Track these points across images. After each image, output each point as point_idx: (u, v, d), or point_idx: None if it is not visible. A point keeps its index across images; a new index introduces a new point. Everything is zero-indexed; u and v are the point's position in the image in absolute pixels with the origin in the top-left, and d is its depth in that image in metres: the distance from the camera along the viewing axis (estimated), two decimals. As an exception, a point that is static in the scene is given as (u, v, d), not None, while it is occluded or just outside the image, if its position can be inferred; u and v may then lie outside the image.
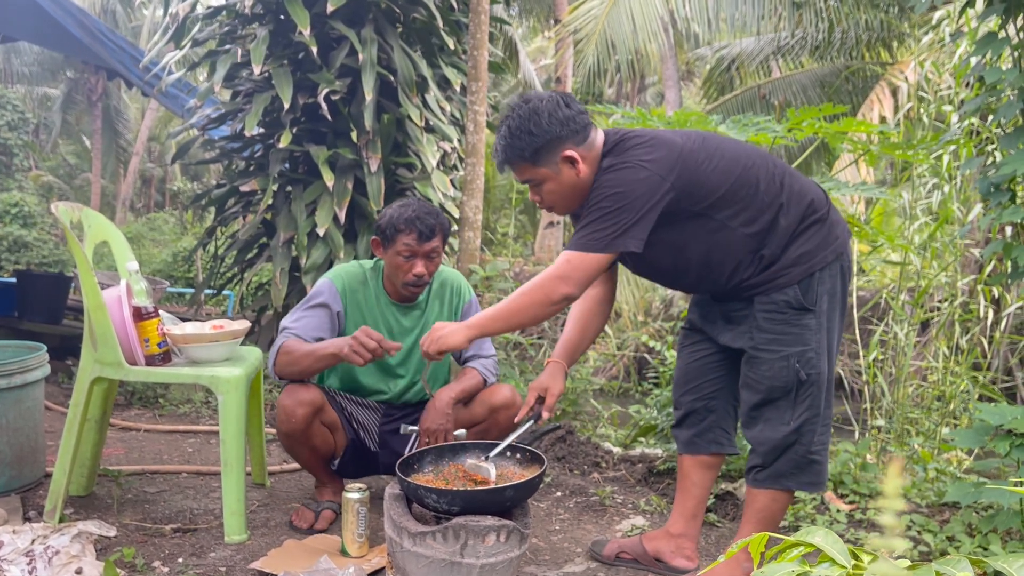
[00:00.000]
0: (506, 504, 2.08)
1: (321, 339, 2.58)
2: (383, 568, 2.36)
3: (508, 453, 2.34)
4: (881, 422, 4.11)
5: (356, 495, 2.43)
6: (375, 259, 2.81)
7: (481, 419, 2.67)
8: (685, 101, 17.67)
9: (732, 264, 2.19)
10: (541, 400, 2.37)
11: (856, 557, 1.05)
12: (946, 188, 4.52)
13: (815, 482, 2.26)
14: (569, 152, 2.13)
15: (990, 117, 3.97)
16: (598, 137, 2.20)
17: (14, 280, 5.86)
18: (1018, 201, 2.95)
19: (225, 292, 6.91)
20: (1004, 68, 2.94)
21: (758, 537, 1.08)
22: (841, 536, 2.91)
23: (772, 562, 1.10)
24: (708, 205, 2.14)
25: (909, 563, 1.00)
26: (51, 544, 2.33)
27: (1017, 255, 2.83)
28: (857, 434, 4.56)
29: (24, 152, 13.40)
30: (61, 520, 2.58)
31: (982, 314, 4.79)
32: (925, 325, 5.30)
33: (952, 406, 4.25)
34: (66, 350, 5.25)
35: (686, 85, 20.08)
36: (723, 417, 2.46)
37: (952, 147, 4.15)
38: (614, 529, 2.90)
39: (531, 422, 2.33)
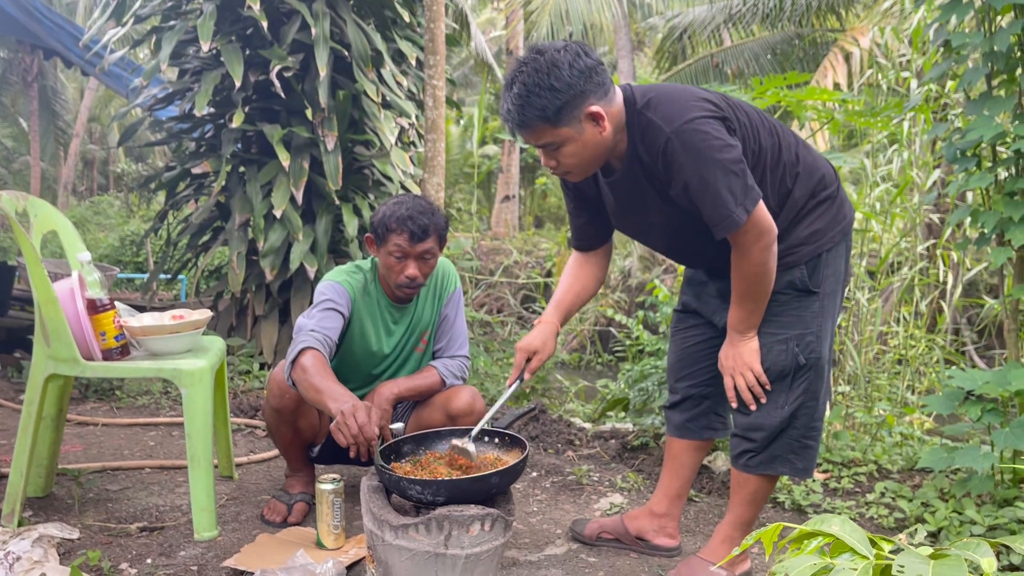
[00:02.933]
0: (492, 492, 2.03)
1: (337, 343, 2.44)
2: (362, 559, 2.30)
3: (486, 438, 2.28)
4: (845, 388, 4.15)
5: (330, 486, 2.35)
6: (371, 258, 2.64)
7: (439, 426, 2.49)
8: (637, 72, 17.62)
9: None
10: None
11: (875, 545, 1.01)
12: (905, 154, 4.56)
13: (807, 468, 2.16)
14: (594, 108, 1.92)
15: (949, 83, 4.00)
16: (617, 93, 2.00)
17: (-45, 271, 5.62)
18: (984, 166, 2.96)
19: (179, 277, 6.72)
20: (968, 32, 2.93)
21: (772, 528, 1.04)
22: (817, 507, 2.92)
23: (786, 552, 1.07)
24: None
25: (932, 551, 0.97)
26: (11, 550, 2.23)
27: (985, 220, 2.85)
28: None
29: (-42, 136, 12.89)
30: (20, 524, 2.47)
31: (941, 279, 4.86)
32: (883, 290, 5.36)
33: (911, 369, 4.32)
34: (14, 342, 5.05)
35: (637, 55, 20.04)
36: (718, 402, 2.38)
37: (912, 113, 4.17)
38: (592, 508, 2.88)
39: (518, 383, 2.21)
